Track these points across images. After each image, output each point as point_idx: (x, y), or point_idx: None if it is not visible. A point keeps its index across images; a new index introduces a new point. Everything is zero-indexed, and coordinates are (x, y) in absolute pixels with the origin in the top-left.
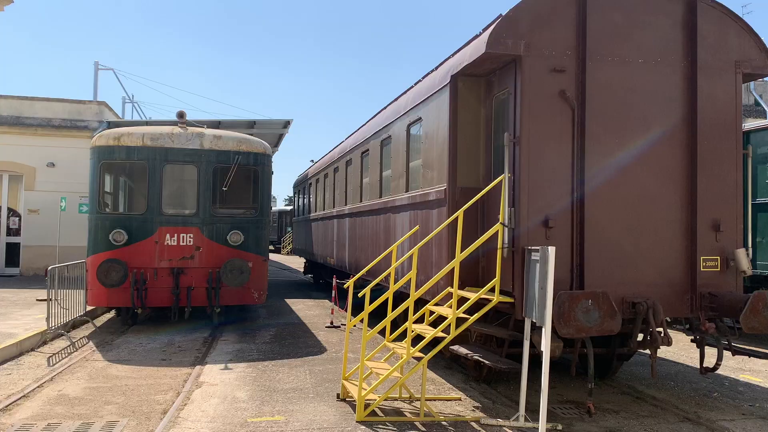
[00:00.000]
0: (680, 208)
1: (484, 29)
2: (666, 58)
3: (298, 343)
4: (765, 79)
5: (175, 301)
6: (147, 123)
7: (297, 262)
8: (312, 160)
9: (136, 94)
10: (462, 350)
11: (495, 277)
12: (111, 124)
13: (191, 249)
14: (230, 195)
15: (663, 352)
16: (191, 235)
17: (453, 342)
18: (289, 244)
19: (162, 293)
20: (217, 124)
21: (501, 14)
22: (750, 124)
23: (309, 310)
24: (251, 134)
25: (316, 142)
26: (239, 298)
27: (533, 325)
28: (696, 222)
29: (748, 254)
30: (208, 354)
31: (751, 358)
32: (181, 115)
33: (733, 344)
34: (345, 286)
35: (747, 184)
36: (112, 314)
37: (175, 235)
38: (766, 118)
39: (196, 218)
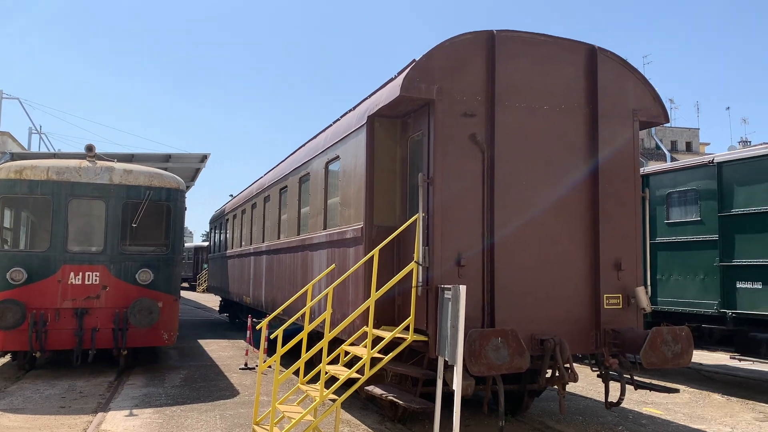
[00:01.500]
0: (585, 248)
1: (399, 73)
2: (570, 105)
3: (210, 386)
4: (665, 124)
5: (78, 344)
6: (54, 155)
7: (213, 301)
8: (231, 195)
9: (45, 124)
10: (377, 390)
11: (410, 315)
12: (15, 156)
13: (97, 288)
14: (140, 232)
15: (573, 387)
16: (97, 274)
17: (368, 382)
18: (204, 281)
19: (64, 335)
20: (129, 158)
21: (415, 59)
22: (650, 167)
23: (223, 351)
24: (166, 168)
25: (239, 176)
26: (148, 340)
27: (446, 363)
28: (599, 261)
29: (647, 292)
30: (113, 399)
31: (652, 391)
32: (89, 148)
33: (635, 378)
34: (258, 326)
35: (645, 224)
36: (7, 358)
37: (80, 273)
38: (666, 161)
39: (103, 256)
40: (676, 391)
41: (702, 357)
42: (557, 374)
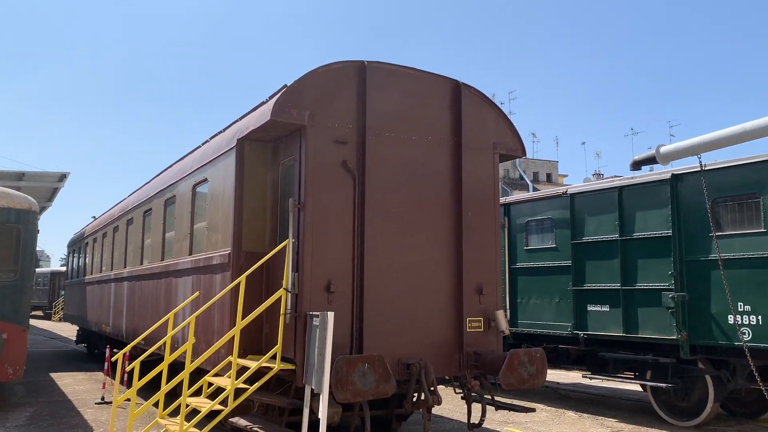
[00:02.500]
0: (449, 273)
1: (271, 97)
2: (437, 136)
3: (60, 423)
4: (527, 156)
5: None
6: None
7: (70, 330)
8: (94, 217)
9: None
10: (242, 422)
11: (277, 343)
12: None
13: None
14: None
15: (440, 409)
16: None
17: (233, 413)
18: (61, 309)
19: None
20: None
21: (286, 84)
22: (511, 197)
23: (78, 385)
24: (20, 188)
25: (104, 197)
26: None
27: (313, 391)
28: (462, 286)
29: (506, 315)
30: None
31: (512, 411)
32: None
33: (496, 399)
34: (113, 358)
35: (505, 250)
36: None
37: None
38: (529, 190)
39: None
40: (533, 410)
41: (559, 376)
42: (422, 398)
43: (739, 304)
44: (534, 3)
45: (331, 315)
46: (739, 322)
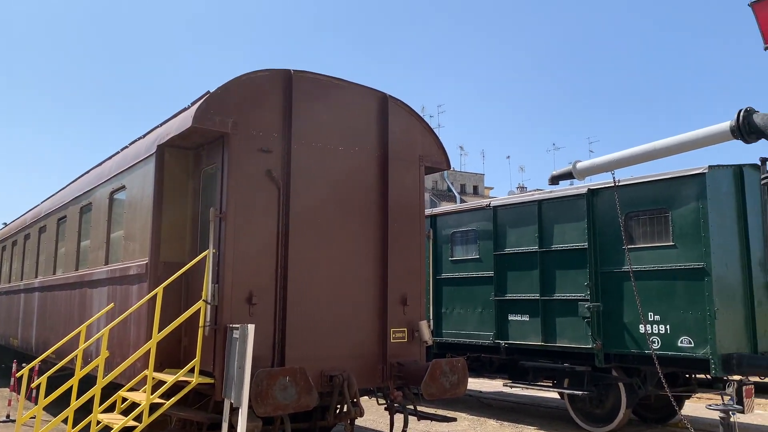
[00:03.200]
0: (374, 284)
1: (193, 103)
2: (363, 147)
3: None
4: (455, 168)
5: None
6: None
7: None
8: (5, 223)
9: None
10: None
11: (196, 356)
12: None
13: None
14: None
15: (364, 420)
16: None
17: (148, 430)
18: None
19: None
20: None
21: (209, 91)
22: (437, 208)
23: None
24: None
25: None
26: None
27: (232, 405)
28: (387, 297)
29: (430, 325)
30: None
31: (433, 421)
32: None
33: (418, 409)
34: (19, 373)
35: (429, 261)
36: None
37: None
38: (456, 202)
39: None
40: (454, 419)
41: (482, 385)
42: (345, 410)
43: (649, 313)
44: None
45: (251, 327)
46: (649, 331)
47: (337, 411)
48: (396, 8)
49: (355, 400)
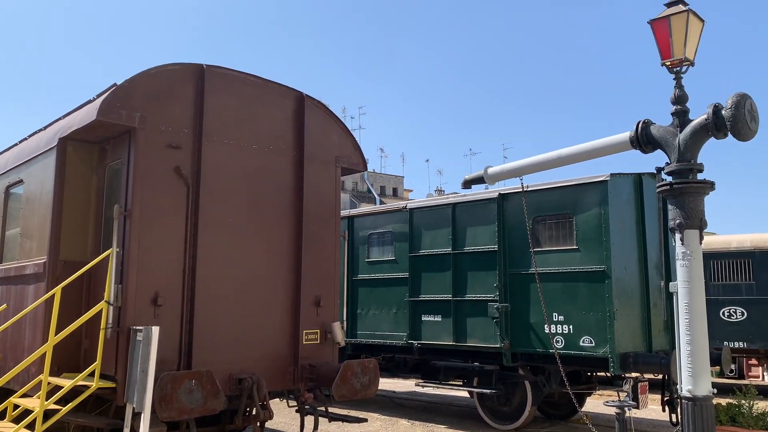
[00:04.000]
0: (287, 286)
1: (99, 95)
2: (278, 146)
3: None
4: (375, 170)
5: None
6: None
7: None
8: None
9: None
10: None
11: (97, 360)
12: None
13: None
14: None
15: (276, 423)
16: None
17: None
18: None
19: None
20: None
21: (116, 83)
22: (354, 210)
23: None
24: None
25: None
26: None
27: (135, 410)
28: (300, 298)
29: (343, 327)
30: None
31: (345, 422)
32: None
33: (329, 411)
34: None
35: (344, 262)
36: None
37: None
38: (376, 203)
39: None
40: (365, 420)
41: (396, 385)
42: (254, 412)
43: (554, 314)
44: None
45: (155, 329)
46: (554, 331)
47: (247, 414)
48: (318, 9)
49: (264, 402)
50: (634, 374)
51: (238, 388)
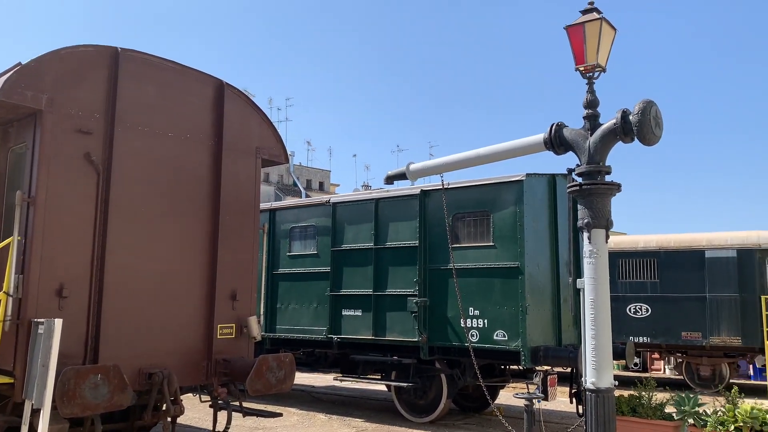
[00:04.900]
0: (202, 279)
1: (2, 74)
2: (196, 135)
3: None
4: (301, 163)
5: None
6: None
7: None
8: None
9: None
10: None
11: None
12: None
13: None
14: None
15: (190, 419)
16: None
17: None
18: None
19: None
20: None
21: (20, 62)
22: (276, 203)
23: None
24: None
25: None
26: None
27: (34, 406)
28: (215, 292)
29: (260, 321)
30: None
31: (259, 417)
32: None
33: (244, 406)
34: None
35: (265, 256)
36: None
37: None
38: (302, 197)
39: None
40: (280, 415)
41: (316, 380)
42: (165, 408)
43: (470, 308)
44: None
45: (58, 322)
46: (470, 325)
47: (157, 410)
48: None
49: (175, 398)
50: (544, 367)
51: (148, 383)
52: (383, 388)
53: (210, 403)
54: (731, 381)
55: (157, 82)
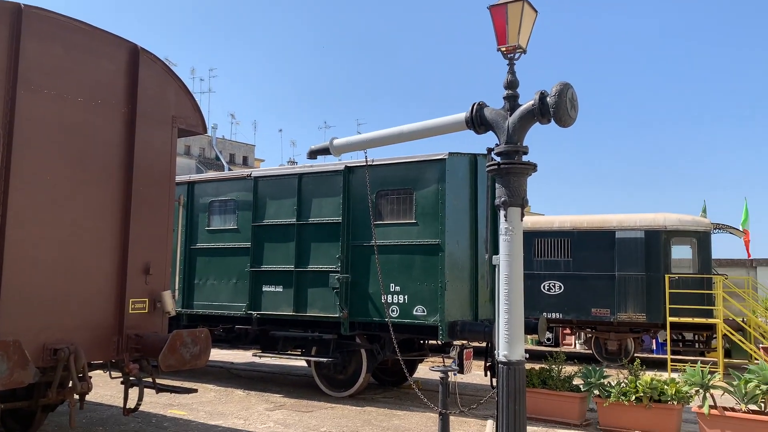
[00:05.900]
0: (113, 252)
1: None
2: (108, 101)
3: None
4: (224, 136)
5: None
6: None
7: None
8: None
9: None
10: None
11: None
12: None
13: None
14: None
15: (101, 396)
16: None
17: None
18: None
19: None
20: None
21: None
22: (195, 176)
23: None
24: None
25: None
26: None
27: None
28: (127, 265)
29: (174, 296)
30: None
31: (173, 393)
32: None
33: (157, 382)
34: None
35: (181, 230)
36: None
37: None
38: (224, 170)
39: None
40: (195, 391)
41: (236, 356)
42: (71, 385)
43: (390, 285)
44: None
45: None
46: (390, 301)
47: (63, 387)
48: None
49: (82, 374)
50: (461, 341)
51: (53, 359)
52: (303, 364)
53: (122, 379)
54: (636, 355)
55: (65, 43)
